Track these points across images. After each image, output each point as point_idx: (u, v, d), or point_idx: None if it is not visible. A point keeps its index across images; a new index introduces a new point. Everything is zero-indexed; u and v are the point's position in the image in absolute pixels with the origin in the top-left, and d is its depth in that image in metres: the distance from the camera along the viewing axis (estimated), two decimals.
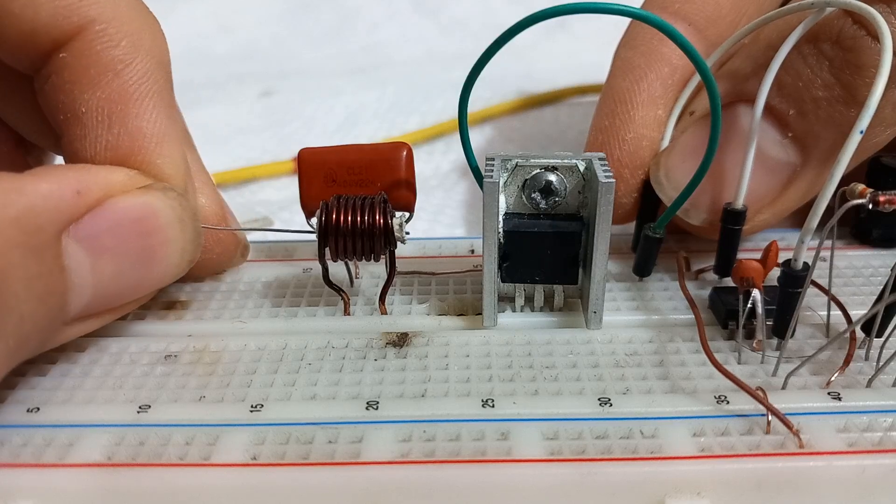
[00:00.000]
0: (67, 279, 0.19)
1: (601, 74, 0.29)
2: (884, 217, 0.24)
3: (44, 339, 0.19)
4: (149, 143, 0.21)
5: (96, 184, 0.19)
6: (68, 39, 0.21)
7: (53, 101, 0.22)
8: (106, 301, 0.21)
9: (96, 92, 0.21)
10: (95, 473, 0.18)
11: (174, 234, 0.21)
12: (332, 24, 0.73)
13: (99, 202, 0.19)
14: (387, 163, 0.23)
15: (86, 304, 0.20)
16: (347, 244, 0.22)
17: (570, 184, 0.22)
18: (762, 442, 0.18)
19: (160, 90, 0.22)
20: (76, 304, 0.19)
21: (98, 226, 0.19)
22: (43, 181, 0.18)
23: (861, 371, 0.21)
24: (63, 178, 0.19)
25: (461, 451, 0.18)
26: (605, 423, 0.19)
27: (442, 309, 0.24)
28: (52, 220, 0.18)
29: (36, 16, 0.21)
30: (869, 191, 0.19)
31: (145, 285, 0.22)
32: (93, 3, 0.21)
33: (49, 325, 0.19)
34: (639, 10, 0.20)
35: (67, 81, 0.21)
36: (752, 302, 0.20)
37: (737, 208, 0.24)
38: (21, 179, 0.18)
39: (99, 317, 0.21)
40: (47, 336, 0.19)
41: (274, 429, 0.19)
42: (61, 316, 0.19)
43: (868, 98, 0.19)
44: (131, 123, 0.21)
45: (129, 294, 0.21)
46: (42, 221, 0.18)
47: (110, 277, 0.20)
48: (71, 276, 0.19)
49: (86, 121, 0.21)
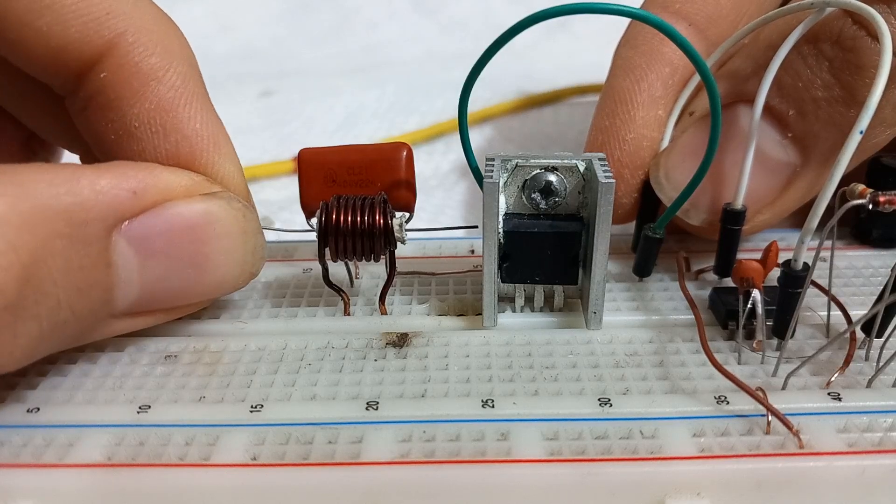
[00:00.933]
0: (113, 274, 0.19)
1: (601, 74, 0.29)
2: (884, 217, 0.24)
3: (85, 329, 0.20)
4: (207, 144, 0.22)
5: (155, 185, 0.20)
6: (100, 56, 0.21)
7: (100, 121, 0.21)
8: (155, 301, 0.21)
9: (144, 104, 0.21)
10: (95, 473, 0.18)
11: (235, 245, 0.21)
12: (332, 24, 0.73)
13: (156, 203, 0.20)
14: (387, 163, 0.23)
15: (133, 300, 0.20)
16: (347, 244, 0.22)
17: (570, 184, 0.22)
18: (762, 442, 0.18)
19: (201, 92, 0.22)
20: (123, 300, 0.20)
21: (151, 228, 0.19)
22: (103, 177, 0.18)
23: (861, 371, 0.21)
24: (123, 176, 0.19)
25: (461, 451, 0.18)
26: (605, 423, 0.19)
27: (442, 309, 0.24)
28: (102, 215, 0.18)
29: (65, 32, 0.20)
30: (869, 191, 0.19)
31: (199, 291, 0.22)
32: (121, 16, 0.21)
33: (90, 315, 0.19)
34: (639, 10, 0.20)
35: (113, 98, 0.21)
36: (752, 302, 0.20)
37: (736, 208, 0.24)
38: (80, 173, 0.18)
39: (151, 315, 0.21)
40: (89, 326, 0.20)
41: (274, 429, 0.19)
42: (106, 309, 0.19)
43: (868, 98, 0.19)
44: (186, 128, 0.21)
45: (181, 298, 0.21)
46: (91, 216, 0.18)
47: (160, 278, 0.20)
48: (118, 272, 0.19)
49: (140, 134, 0.21)
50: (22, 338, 0.17)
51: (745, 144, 0.23)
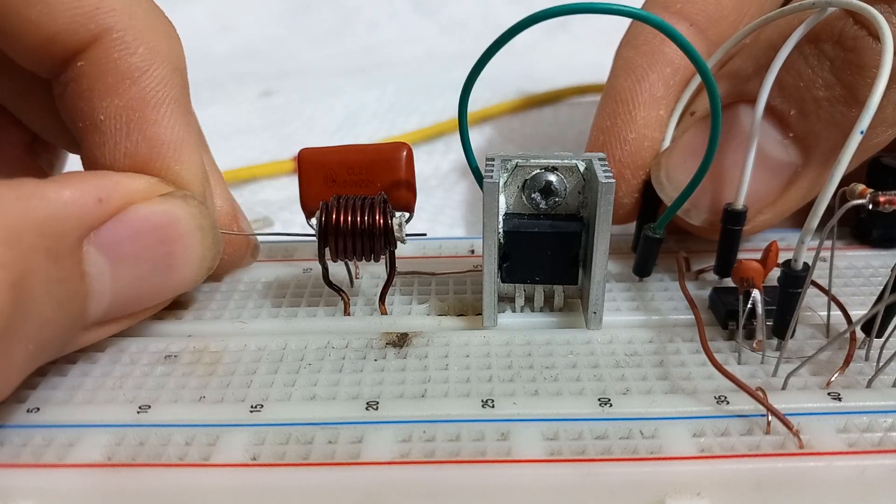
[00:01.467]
0: (88, 285, 0.19)
1: (601, 74, 0.29)
2: (883, 217, 0.24)
3: (62, 344, 0.19)
4: (167, 150, 0.22)
5: (118, 191, 0.20)
6: (86, 47, 0.21)
7: (72, 108, 0.22)
8: (125, 307, 0.21)
9: (114, 100, 0.21)
10: (95, 473, 0.18)
11: (194, 242, 0.21)
12: (332, 23, 0.73)
13: (120, 209, 0.19)
14: (387, 163, 0.23)
15: (105, 309, 0.20)
16: (347, 244, 0.22)
17: (569, 184, 0.22)
18: (762, 442, 0.18)
19: (177, 96, 0.22)
20: (95, 309, 0.19)
21: (119, 233, 0.19)
22: (65, 188, 0.18)
23: (861, 371, 0.21)
24: (85, 186, 0.19)
25: (461, 451, 0.18)
26: (605, 423, 0.19)
27: (442, 309, 0.24)
28: (73, 226, 0.18)
29: (53, 23, 0.21)
30: (869, 191, 0.19)
31: (164, 292, 0.22)
32: (109, 11, 0.21)
33: (68, 329, 0.19)
34: (639, 10, 0.20)
35: (86, 89, 0.21)
36: (752, 302, 0.20)
37: (737, 209, 0.24)
38: (44, 186, 0.18)
39: (117, 322, 0.21)
40: (66, 340, 0.19)
41: (274, 429, 0.19)
42: (81, 321, 0.19)
43: (869, 98, 0.19)
44: (149, 130, 0.21)
45: (147, 300, 0.21)
46: (64, 228, 0.18)
47: (130, 283, 0.20)
48: (91, 281, 0.19)
49: (104, 128, 0.21)
50: (16, 362, 0.17)
51: (745, 144, 0.23)
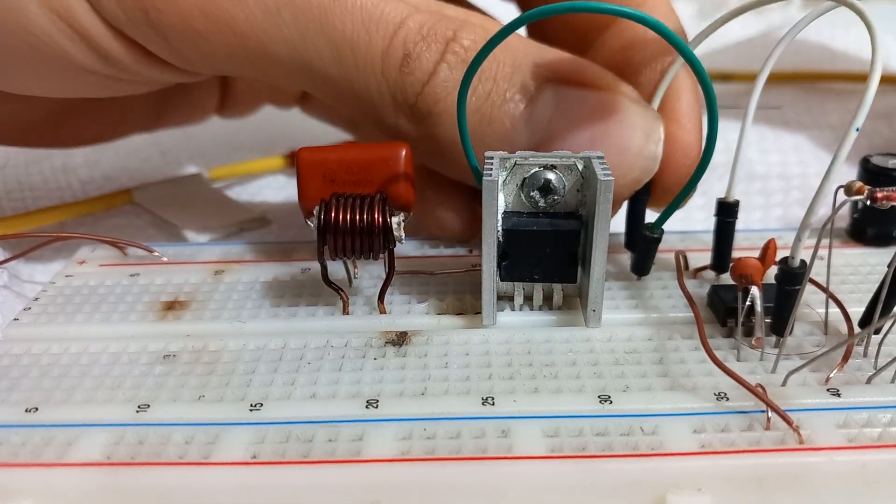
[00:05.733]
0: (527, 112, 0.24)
1: None
2: (878, 215, 0.24)
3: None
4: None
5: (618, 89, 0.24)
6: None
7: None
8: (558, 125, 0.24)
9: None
10: (94, 473, 0.18)
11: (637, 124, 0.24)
12: None
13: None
14: (386, 162, 0.23)
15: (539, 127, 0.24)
16: (346, 242, 0.22)
17: (568, 182, 0.22)
18: (762, 438, 0.18)
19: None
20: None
21: (575, 97, 0.24)
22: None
23: (860, 367, 0.21)
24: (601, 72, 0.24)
25: (462, 448, 0.18)
26: (605, 420, 0.19)
27: (441, 308, 0.24)
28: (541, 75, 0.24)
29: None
30: (866, 188, 0.19)
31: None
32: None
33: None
34: (634, 10, 0.20)
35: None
36: (751, 299, 0.20)
37: (729, 201, 0.24)
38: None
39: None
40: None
41: (274, 427, 0.19)
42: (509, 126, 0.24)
43: (863, 95, 0.19)
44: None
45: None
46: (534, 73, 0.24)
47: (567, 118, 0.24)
48: (534, 110, 0.24)
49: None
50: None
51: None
